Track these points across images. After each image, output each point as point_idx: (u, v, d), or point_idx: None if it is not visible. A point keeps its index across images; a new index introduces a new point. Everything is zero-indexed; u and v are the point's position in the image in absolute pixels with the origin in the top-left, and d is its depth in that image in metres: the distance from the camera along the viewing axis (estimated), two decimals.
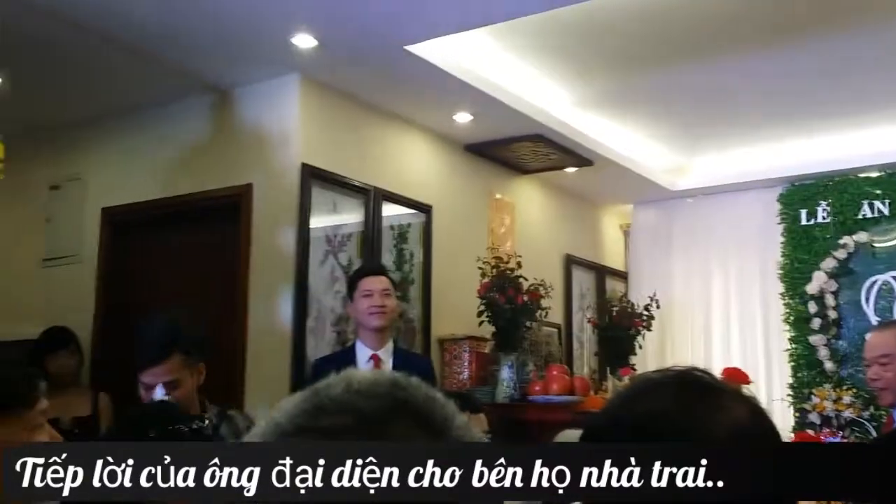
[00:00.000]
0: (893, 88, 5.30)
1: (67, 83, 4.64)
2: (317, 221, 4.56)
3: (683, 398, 1.01)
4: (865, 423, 5.78)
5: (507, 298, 4.93)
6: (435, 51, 4.37)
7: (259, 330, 4.45)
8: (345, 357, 3.93)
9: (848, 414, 5.94)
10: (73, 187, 5.22)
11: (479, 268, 5.13)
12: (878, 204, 6.32)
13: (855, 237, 6.31)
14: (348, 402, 0.67)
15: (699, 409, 1.00)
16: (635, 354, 6.16)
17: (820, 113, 5.73)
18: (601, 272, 7.16)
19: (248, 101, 4.70)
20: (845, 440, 5.78)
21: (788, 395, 6.36)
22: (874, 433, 5.62)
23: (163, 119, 4.94)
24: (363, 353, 3.86)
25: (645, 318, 6.13)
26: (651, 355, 6.79)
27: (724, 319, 6.93)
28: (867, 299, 6.28)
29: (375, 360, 3.83)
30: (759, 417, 1.02)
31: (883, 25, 4.45)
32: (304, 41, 4.12)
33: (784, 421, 6.09)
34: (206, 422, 1.89)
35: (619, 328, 6.11)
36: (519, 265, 5.11)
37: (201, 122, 4.85)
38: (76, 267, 5.09)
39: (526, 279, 5.11)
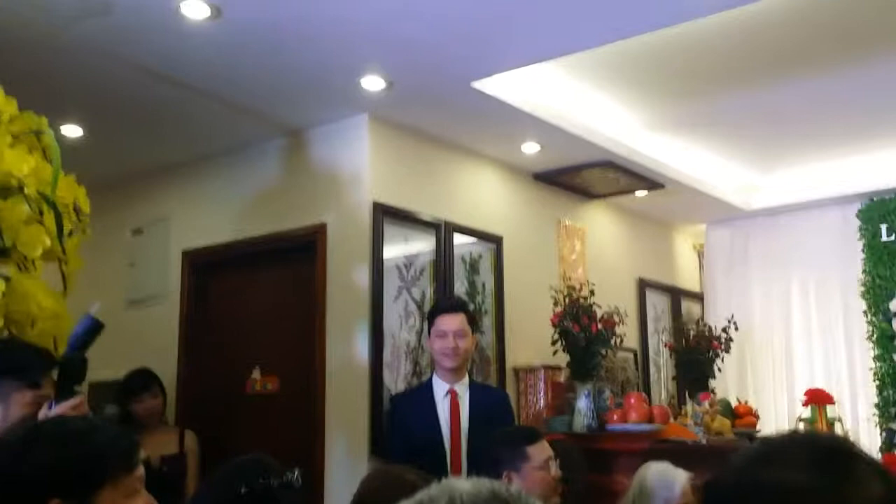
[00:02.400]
0: None
1: (147, 131, 4.81)
2: (390, 257, 4.62)
3: (815, 469, 0.97)
4: None
5: (581, 327, 4.92)
6: (501, 84, 4.41)
7: (337, 365, 4.52)
8: (422, 392, 3.98)
9: None
10: (155, 231, 5.39)
11: (552, 296, 5.12)
12: None
13: None
14: None
15: (832, 483, 0.95)
16: (714, 378, 6.06)
17: None
18: (676, 294, 7.07)
19: (319, 142, 4.80)
20: None
21: (875, 414, 6.20)
22: None
23: (239, 162, 5.08)
24: (440, 387, 3.90)
25: (723, 340, 6.03)
26: (731, 378, 6.69)
27: (806, 339, 6.78)
28: None
29: (452, 394, 3.87)
30: (894, 493, 0.97)
31: None
32: (373, 83, 4.20)
33: (871, 441, 5.93)
34: (296, 474, 1.93)
35: (697, 351, 6.03)
36: (592, 293, 5.09)
37: (276, 164, 4.97)
38: (159, 308, 5.24)
39: (599, 306, 5.08)
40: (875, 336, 6.29)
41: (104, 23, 3.54)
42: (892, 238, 6.33)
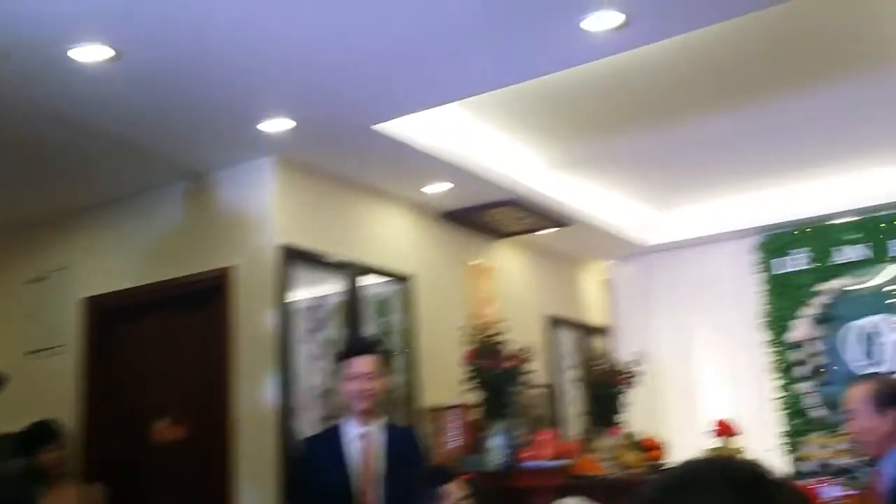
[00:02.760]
0: (863, 137, 5.42)
1: (46, 176, 4.69)
2: (298, 299, 4.58)
3: (732, 494, 0.94)
4: (858, 470, 5.73)
5: (492, 365, 4.94)
6: (406, 125, 4.45)
7: (245, 409, 4.45)
8: (334, 435, 3.92)
9: (841, 461, 5.89)
10: (55, 279, 5.23)
11: (463, 335, 5.14)
12: (856, 249, 6.40)
13: (834, 282, 6.39)
14: None
15: None
16: (621, 412, 6.13)
17: (790, 163, 5.85)
18: (585, 330, 7.18)
19: (225, 184, 4.75)
20: (846, 487, 5.71)
21: (786, 443, 6.36)
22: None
23: (142, 207, 4.99)
24: (352, 430, 3.85)
25: (628, 375, 6.12)
26: (640, 412, 6.77)
27: (711, 371, 6.95)
28: (852, 343, 6.34)
29: (365, 437, 3.82)
30: None
31: (848, 80, 4.57)
32: (277, 125, 4.19)
33: (780, 471, 6.06)
34: None
35: (605, 386, 6.10)
36: (502, 331, 5.12)
37: (180, 208, 4.90)
38: (59, 358, 5.08)
39: (510, 343, 5.12)
40: (778, 366, 6.49)
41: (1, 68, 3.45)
42: (790, 270, 6.58)
